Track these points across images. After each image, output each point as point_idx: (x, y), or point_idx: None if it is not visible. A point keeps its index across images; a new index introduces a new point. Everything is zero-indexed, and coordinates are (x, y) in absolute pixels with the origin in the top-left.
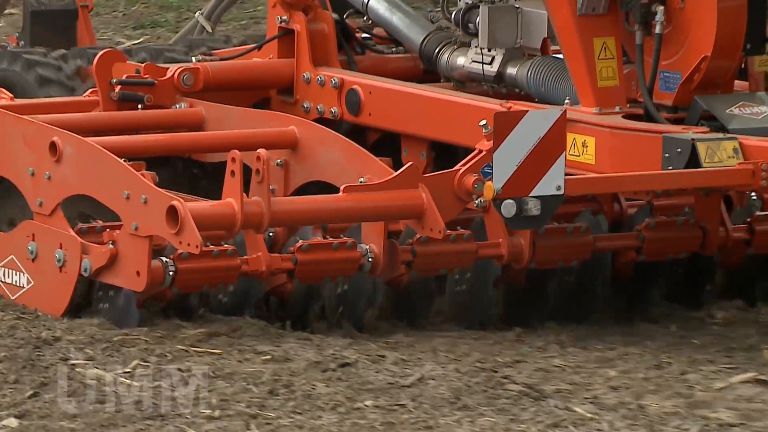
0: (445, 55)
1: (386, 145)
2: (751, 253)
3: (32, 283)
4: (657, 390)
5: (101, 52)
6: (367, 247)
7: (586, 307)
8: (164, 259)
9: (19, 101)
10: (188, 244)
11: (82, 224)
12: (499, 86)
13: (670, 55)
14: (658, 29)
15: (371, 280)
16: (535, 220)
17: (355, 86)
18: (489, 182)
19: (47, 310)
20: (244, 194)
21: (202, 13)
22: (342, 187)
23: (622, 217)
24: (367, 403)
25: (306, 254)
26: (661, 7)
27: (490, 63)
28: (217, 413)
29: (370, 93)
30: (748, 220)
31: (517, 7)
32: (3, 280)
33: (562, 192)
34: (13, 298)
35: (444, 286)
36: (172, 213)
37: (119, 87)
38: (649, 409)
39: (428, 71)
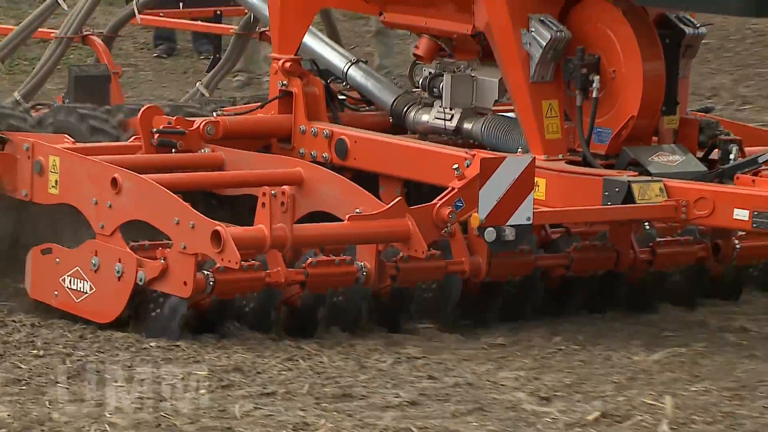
0: (412, 113)
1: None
2: (652, 270)
3: (94, 290)
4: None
5: (144, 108)
6: (362, 263)
7: (524, 310)
8: (205, 271)
9: (79, 145)
10: (229, 261)
11: (133, 243)
12: (456, 138)
13: (603, 114)
14: (594, 94)
15: (362, 290)
16: (512, 244)
17: (343, 136)
18: (475, 213)
19: (104, 313)
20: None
21: (201, 83)
22: (347, 217)
23: (546, 240)
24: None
25: (315, 269)
26: (597, 77)
27: (450, 119)
28: None
29: (356, 142)
30: (651, 244)
31: (473, 76)
32: (69, 286)
33: (531, 222)
34: (77, 301)
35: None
36: (216, 236)
37: (158, 135)
38: (357, 347)
39: (396, 125)
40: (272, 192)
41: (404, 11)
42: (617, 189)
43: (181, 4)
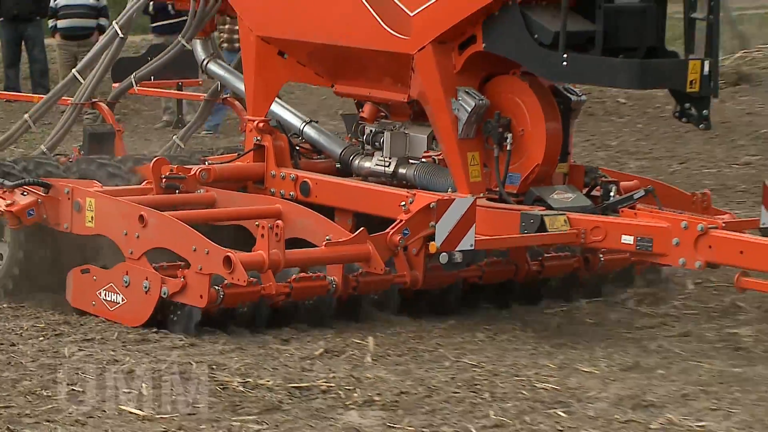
0: (357, 160)
1: None
2: (541, 278)
3: (125, 301)
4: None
5: (155, 159)
6: (332, 278)
7: (447, 308)
8: (216, 287)
9: (107, 188)
10: (238, 279)
11: (154, 264)
12: (392, 180)
13: (514, 162)
14: (508, 147)
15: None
16: (460, 265)
17: (306, 179)
18: (432, 242)
19: (134, 318)
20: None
21: (177, 137)
22: (324, 243)
23: None
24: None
25: (297, 283)
26: (510, 134)
27: (389, 166)
28: None
29: (317, 183)
30: (540, 258)
31: (406, 133)
32: (105, 298)
33: (473, 247)
34: (111, 309)
35: None
36: (227, 260)
37: (165, 180)
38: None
39: (342, 170)
40: (269, 226)
41: (351, 84)
42: (532, 221)
43: (152, 77)
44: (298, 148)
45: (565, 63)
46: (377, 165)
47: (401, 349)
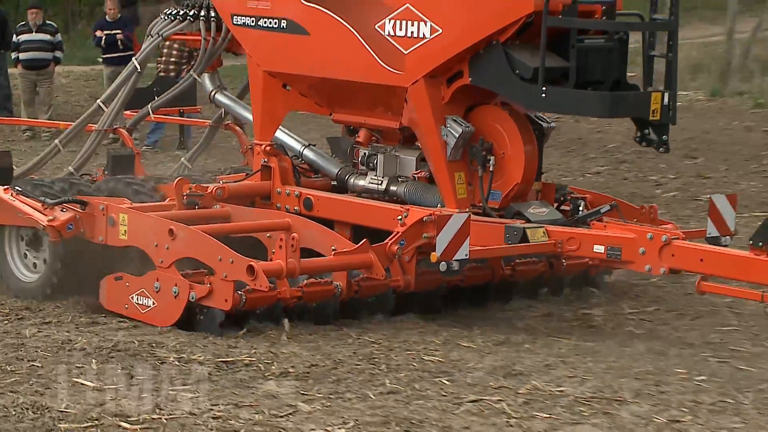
0: (352, 179)
1: None
2: (513, 279)
3: (156, 304)
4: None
5: (178, 179)
6: (338, 283)
7: (431, 307)
8: (239, 291)
9: (136, 204)
10: (260, 285)
11: (181, 271)
12: (384, 197)
13: (496, 181)
14: (491, 168)
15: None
16: (457, 272)
17: (309, 196)
18: (434, 253)
19: (164, 320)
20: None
21: (185, 158)
22: (332, 253)
23: None
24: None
25: (308, 287)
26: (492, 157)
27: (381, 184)
28: None
29: (318, 199)
30: (512, 263)
31: (396, 155)
32: (137, 302)
33: (468, 257)
34: (143, 312)
35: None
36: (250, 269)
37: (186, 197)
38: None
39: (337, 187)
40: (291, 237)
41: (348, 112)
42: (515, 233)
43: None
44: (298, 168)
45: (543, 95)
46: (371, 183)
47: (311, 329)
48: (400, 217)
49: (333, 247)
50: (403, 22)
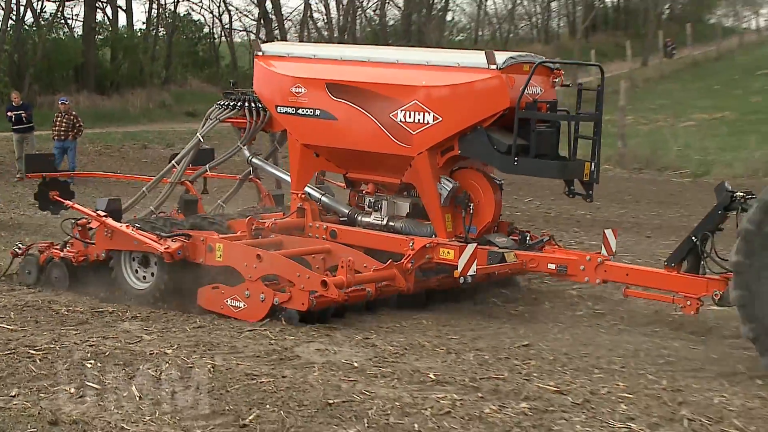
0: (359, 217)
1: None
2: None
3: (246, 306)
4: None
5: (249, 217)
6: (369, 289)
7: (417, 304)
8: (311, 297)
9: (223, 236)
10: (332, 295)
11: (264, 282)
12: (384, 230)
13: (475, 219)
14: (470, 211)
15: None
16: (470, 283)
17: (334, 228)
18: (456, 271)
19: (252, 318)
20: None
21: (221, 201)
22: (372, 270)
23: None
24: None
25: (351, 293)
26: (471, 204)
27: (382, 221)
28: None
29: (341, 231)
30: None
31: (395, 201)
32: (231, 304)
33: (475, 272)
34: (235, 311)
35: None
36: (324, 282)
37: (254, 230)
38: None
39: (348, 222)
40: (348, 259)
41: (360, 172)
42: (496, 255)
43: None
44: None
45: (516, 163)
46: (374, 220)
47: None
48: (411, 243)
49: (365, 264)
50: (412, 113)
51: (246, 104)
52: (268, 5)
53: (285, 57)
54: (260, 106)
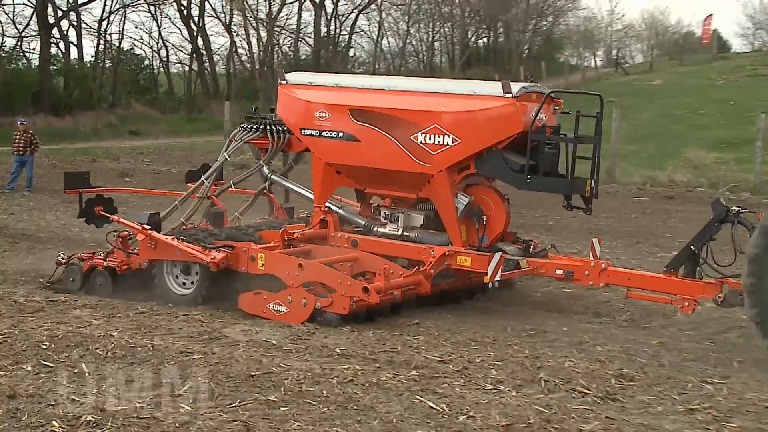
0: (375, 228)
1: None
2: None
3: (288, 310)
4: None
5: (283, 229)
6: (396, 293)
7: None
8: (351, 303)
9: (262, 246)
10: (373, 300)
11: (307, 287)
12: (401, 240)
13: (487, 230)
14: (484, 223)
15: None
16: (496, 288)
17: (355, 238)
18: (486, 276)
19: (294, 321)
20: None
21: (238, 213)
22: (401, 276)
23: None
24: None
25: (383, 297)
26: (484, 216)
27: (398, 231)
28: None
29: (362, 240)
30: (471, 275)
31: (409, 214)
32: (273, 308)
33: (500, 278)
34: (277, 315)
35: None
36: (365, 289)
37: (287, 240)
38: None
39: (363, 233)
40: (385, 267)
41: (378, 188)
42: (512, 263)
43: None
44: None
45: (528, 180)
46: (390, 230)
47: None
48: (432, 251)
49: (391, 272)
50: (433, 135)
51: (268, 127)
52: (200, 41)
53: (308, 85)
54: (281, 128)
